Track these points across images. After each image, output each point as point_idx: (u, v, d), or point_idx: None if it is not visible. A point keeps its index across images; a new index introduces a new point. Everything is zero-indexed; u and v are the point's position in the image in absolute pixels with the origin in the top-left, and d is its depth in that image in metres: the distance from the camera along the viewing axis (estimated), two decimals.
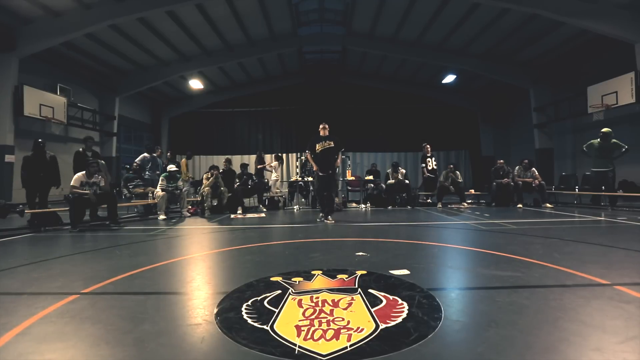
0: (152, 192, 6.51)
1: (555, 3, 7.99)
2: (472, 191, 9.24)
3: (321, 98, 15.10)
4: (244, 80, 14.98)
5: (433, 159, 8.60)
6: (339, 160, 5.47)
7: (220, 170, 7.35)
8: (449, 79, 13.02)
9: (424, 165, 8.69)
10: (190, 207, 6.98)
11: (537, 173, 7.56)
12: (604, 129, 6.92)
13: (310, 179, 8.01)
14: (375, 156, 15.02)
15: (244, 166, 8.03)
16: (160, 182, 6.30)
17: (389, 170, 8.31)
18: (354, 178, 8.51)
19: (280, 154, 9.75)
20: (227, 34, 10.95)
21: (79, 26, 8.43)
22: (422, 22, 10.35)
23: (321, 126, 5.53)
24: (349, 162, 9.58)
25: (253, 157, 15.35)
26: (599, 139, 6.94)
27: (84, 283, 2.21)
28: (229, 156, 11.54)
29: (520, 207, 7.09)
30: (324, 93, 15.19)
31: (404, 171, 8.25)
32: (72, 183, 5.02)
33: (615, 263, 2.56)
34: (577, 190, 7.80)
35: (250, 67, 13.89)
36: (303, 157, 11.49)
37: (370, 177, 8.61)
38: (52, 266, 2.78)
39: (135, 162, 7.34)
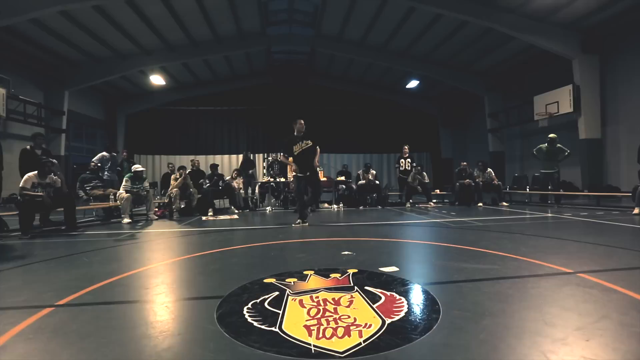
0: (114, 194, 6.08)
1: (508, 19, 8.75)
2: (438, 191, 9.76)
3: (289, 99, 15.02)
4: (209, 78, 14.48)
5: (408, 160, 8.87)
6: (317, 160, 5.20)
7: (188, 171, 7.05)
8: (413, 84, 13.63)
9: (397, 165, 9.03)
10: (157, 209, 6.61)
11: (493, 174, 8.17)
12: (551, 135, 7.62)
13: (283, 179, 7.95)
14: (343, 157, 15.27)
15: (214, 167, 7.77)
16: (124, 183, 5.90)
17: (360, 172, 8.51)
18: (325, 179, 8.58)
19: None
20: (192, 29, 10.53)
21: (23, 10, 7.56)
22: (388, 29, 10.72)
23: (298, 123, 5.14)
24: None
25: (219, 157, 14.95)
26: (546, 144, 7.62)
27: (56, 294, 2.02)
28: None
29: (480, 206, 7.62)
30: (292, 94, 15.11)
31: (374, 172, 8.50)
32: (21, 184, 4.54)
33: (573, 254, 2.86)
34: (528, 189, 8.55)
35: (216, 65, 13.46)
36: (270, 158, 11.34)
37: (342, 178, 8.75)
38: (9, 278, 2.50)
39: (93, 162, 6.81)
